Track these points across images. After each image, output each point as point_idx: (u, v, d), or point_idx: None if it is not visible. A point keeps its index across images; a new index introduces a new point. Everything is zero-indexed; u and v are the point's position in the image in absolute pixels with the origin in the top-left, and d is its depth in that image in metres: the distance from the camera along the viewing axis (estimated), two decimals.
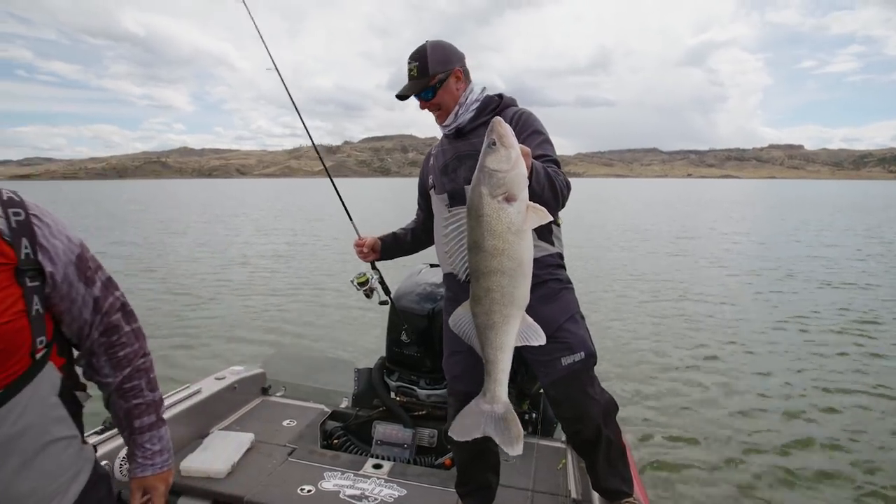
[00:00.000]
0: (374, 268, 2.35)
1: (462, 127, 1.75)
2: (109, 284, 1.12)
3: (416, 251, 2.15)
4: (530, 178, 1.19)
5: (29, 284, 0.94)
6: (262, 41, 2.49)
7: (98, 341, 1.10)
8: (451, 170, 1.73)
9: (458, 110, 1.73)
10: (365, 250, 2.08)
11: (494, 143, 1.08)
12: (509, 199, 1.06)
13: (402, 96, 1.74)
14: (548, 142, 1.65)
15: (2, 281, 0.91)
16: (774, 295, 8.73)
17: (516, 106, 1.78)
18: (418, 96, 1.74)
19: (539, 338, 1.13)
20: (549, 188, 1.38)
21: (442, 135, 1.85)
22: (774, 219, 25.45)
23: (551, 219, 1.11)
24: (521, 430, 1.18)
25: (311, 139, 2.59)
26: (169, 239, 17.01)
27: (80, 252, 1.05)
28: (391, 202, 41.83)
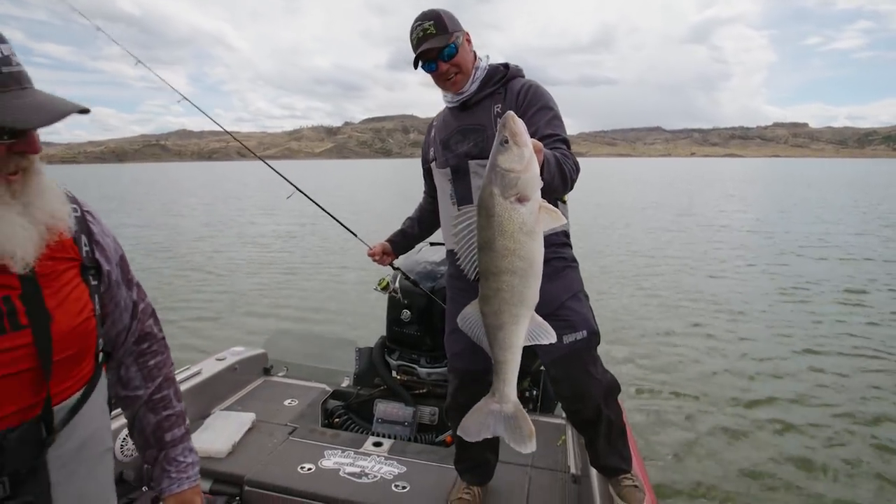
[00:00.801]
0: (395, 268, 2.42)
1: (467, 99, 1.67)
2: (141, 289, 1.08)
3: (429, 235, 2.16)
4: (542, 170, 1.16)
5: (92, 283, 0.91)
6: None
7: (130, 349, 1.05)
8: (454, 143, 1.68)
9: (474, 74, 1.64)
10: (377, 258, 2.12)
11: (507, 141, 1.04)
12: (521, 199, 1.03)
13: (424, 54, 1.59)
14: (557, 118, 1.59)
15: (71, 279, 0.87)
16: (777, 268, 8.79)
17: (523, 77, 1.69)
18: (436, 58, 1.60)
19: (549, 336, 1.12)
20: (559, 177, 1.35)
21: (444, 106, 1.78)
22: (775, 196, 25.45)
23: (565, 221, 1.08)
24: (532, 428, 1.16)
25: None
26: (171, 220, 17.07)
27: (122, 253, 1.02)
28: (393, 184, 41.65)
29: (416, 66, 1.65)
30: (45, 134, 0.80)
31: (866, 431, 3.70)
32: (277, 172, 2.74)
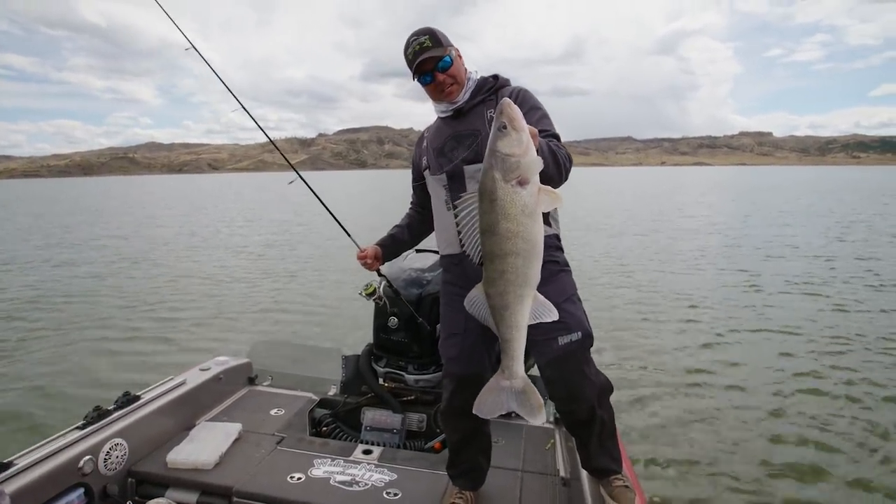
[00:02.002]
0: (380, 274, 2.38)
1: (461, 108, 1.73)
2: None
3: (417, 243, 2.16)
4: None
5: None
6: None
7: None
8: (449, 150, 1.72)
9: (467, 85, 1.73)
10: (369, 261, 2.08)
11: (505, 127, 1.08)
12: (522, 182, 1.07)
13: (423, 63, 1.66)
14: (546, 117, 1.66)
15: None
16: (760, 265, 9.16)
17: (510, 85, 1.77)
18: (433, 69, 1.68)
19: (551, 314, 1.17)
20: (554, 164, 1.41)
21: (436, 118, 1.84)
22: (744, 202, 26.46)
23: (562, 201, 1.14)
24: (541, 399, 1.23)
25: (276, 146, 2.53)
26: (149, 232, 16.73)
27: None
28: (369, 194, 41.63)
29: (414, 78, 1.73)
30: (5, 148, 0.73)
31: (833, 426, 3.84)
32: (285, 157, 2.66)
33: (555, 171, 1.40)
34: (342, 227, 2.48)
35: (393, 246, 2.11)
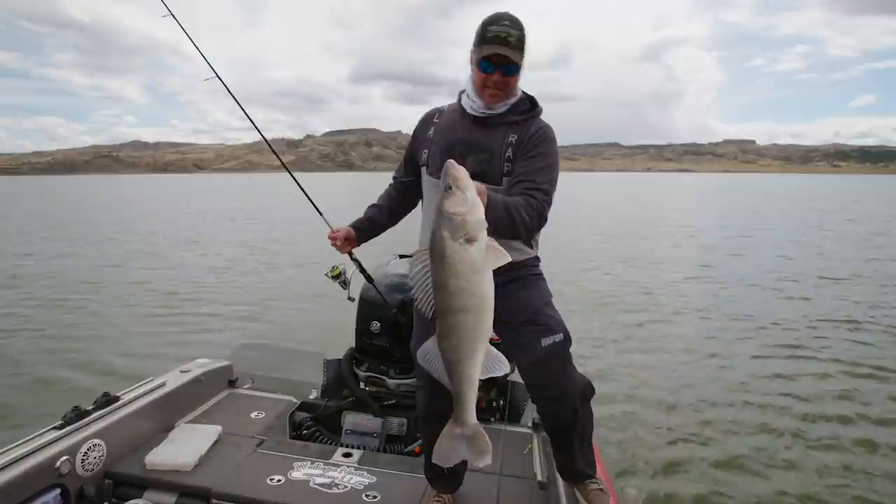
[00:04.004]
0: (352, 258, 2.30)
1: (489, 116, 1.65)
2: None
3: (395, 223, 2.03)
4: (487, 213, 1.21)
5: None
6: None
7: None
8: (457, 154, 1.57)
9: (510, 100, 1.66)
10: (339, 243, 1.97)
11: (451, 187, 1.12)
12: (469, 240, 1.11)
13: (495, 56, 1.55)
14: (548, 168, 1.60)
15: None
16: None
17: (541, 115, 1.70)
18: (499, 65, 1.57)
19: (503, 367, 1.21)
20: (506, 222, 1.41)
21: (455, 108, 1.74)
22: (730, 209, 26.90)
23: (509, 259, 1.17)
24: (489, 444, 1.27)
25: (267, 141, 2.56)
26: (130, 233, 16.50)
27: None
28: (357, 195, 41.55)
29: (477, 57, 1.60)
30: None
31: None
32: (284, 165, 2.65)
33: (506, 227, 1.40)
34: (314, 204, 2.38)
35: (370, 228, 1.97)
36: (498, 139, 1.64)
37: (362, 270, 2.43)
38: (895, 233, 16.96)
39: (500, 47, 1.54)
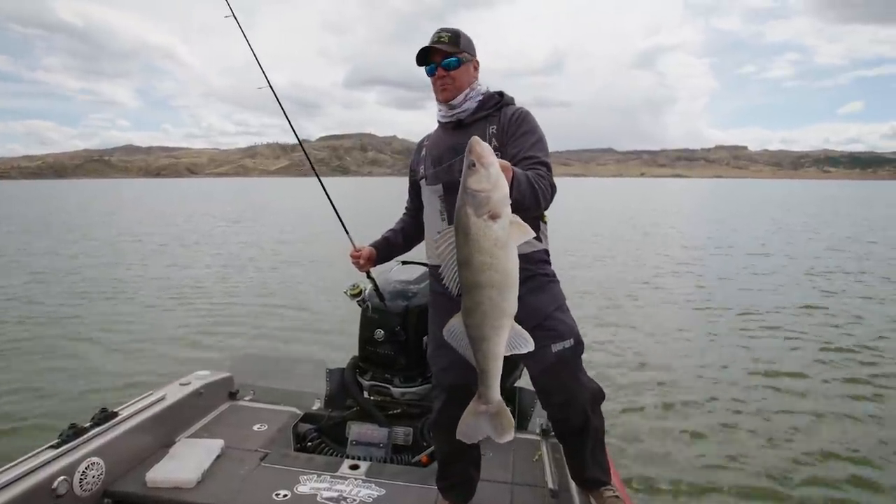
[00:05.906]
0: (369, 276, 2.35)
1: (463, 119, 1.74)
2: None
3: (409, 249, 2.14)
4: (512, 187, 1.26)
5: None
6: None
7: None
8: (447, 161, 1.72)
9: (468, 93, 1.73)
10: (362, 262, 2.05)
11: (474, 164, 1.13)
12: (493, 216, 1.12)
13: (427, 53, 1.70)
14: (541, 142, 1.66)
15: None
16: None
17: (514, 104, 1.77)
18: (439, 63, 1.70)
19: (527, 344, 1.21)
20: (531, 194, 1.43)
21: (437, 126, 1.84)
22: (724, 215, 27.14)
23: (533, 234, 1.18)
24: (512, 421, 1.28)
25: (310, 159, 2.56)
26: (127, 242, 16.31)
27: None
28: (352, 199, 41.62)
29: (418, 63, 1.75)
30: None
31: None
32: (313, 166, 2.75)
33: (532, 201, 1.43)
34: (342, 222, 2.43)
35: (386, 249, 2.08)
36: (480, 135, 1.69)
37: (376, 289, 2.46)
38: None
39: (439, 45, 1.69)
